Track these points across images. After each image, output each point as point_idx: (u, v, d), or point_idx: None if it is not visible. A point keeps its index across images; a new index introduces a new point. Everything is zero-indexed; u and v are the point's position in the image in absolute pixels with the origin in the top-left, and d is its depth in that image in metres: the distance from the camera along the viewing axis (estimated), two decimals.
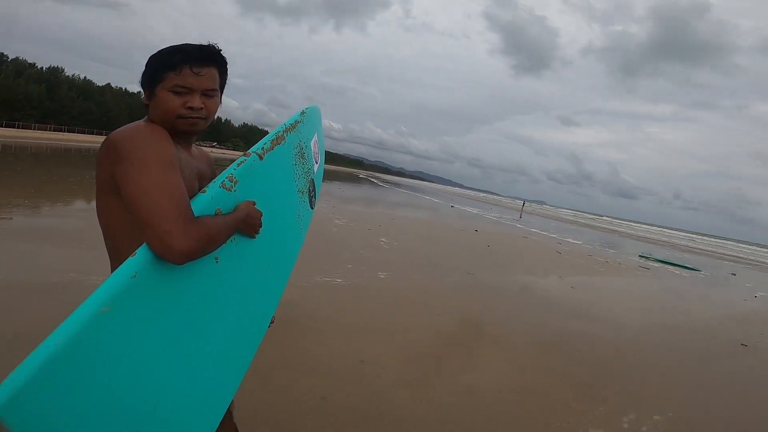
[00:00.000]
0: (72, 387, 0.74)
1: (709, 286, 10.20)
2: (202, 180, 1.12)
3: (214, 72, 1.07)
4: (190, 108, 1.03)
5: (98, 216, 1.03)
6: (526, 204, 56.06)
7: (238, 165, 1.13)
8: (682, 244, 31.03)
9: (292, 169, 1.45)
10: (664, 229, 74.94)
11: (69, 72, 70.09)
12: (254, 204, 1.12)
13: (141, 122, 1.01)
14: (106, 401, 0.80)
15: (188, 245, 0.85)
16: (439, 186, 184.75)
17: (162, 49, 1.04)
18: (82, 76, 71.89)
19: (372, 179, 61.83)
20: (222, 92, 1.13)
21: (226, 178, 1.08)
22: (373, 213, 13.44)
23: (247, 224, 1.09)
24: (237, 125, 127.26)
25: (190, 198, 0.97)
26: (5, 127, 51.68)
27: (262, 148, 1.23)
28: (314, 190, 1.70)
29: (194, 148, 1.19)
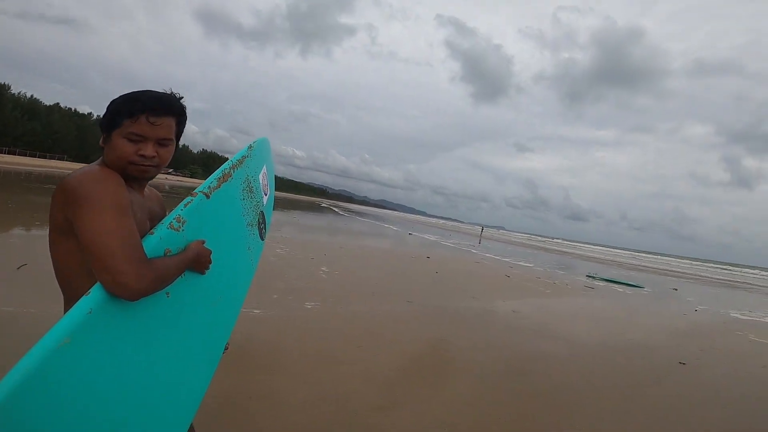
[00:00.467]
0: (35, 411, 0.83)
1: (652, 301, 10.32)
2: (154, 220, 1.17)
3: (171, 121, 1.10)
4: (143, 156, 1.05)
5: (51, 253, 1.05)
6: (485, 229, 57.31)
7: (185, 206, 1.18)
8: (628, 262, 31.98)
9: (240, 203, 1.48)
10: (612, 249, 77.72)
11: (15, 89, 66.29)
12: (203, 243, 1.17)
13: (95, 166, 1.04)
14: (66, 427, 0.88)
15: (140, 285, 0.92)
16: (402, 214, 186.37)
17: (123, 95, 1.07)
18: (28, 95, 68.12)
19: (334, 208, 61.29)
20: (178, 140, 1.17)
21: (174, 219, 1.12)
22: (322, 242, 12.93)
23: (197, 262, 1.15)
24: (196, 151, 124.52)
25: (142, 238, 1.02)
26: None
27: (209, 186, 1.27)
28: (264, 222, 1.73)
29: (147, 188, 1.22)
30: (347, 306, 5.39)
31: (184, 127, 1.18)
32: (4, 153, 54.02)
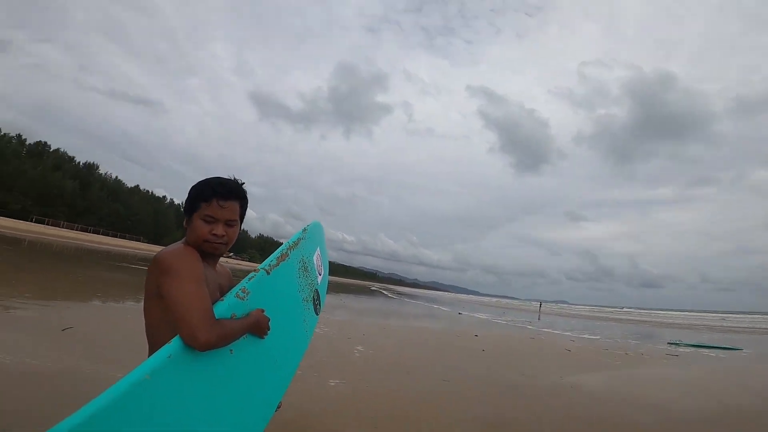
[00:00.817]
0: (124, 420, 1.05)
1: (754, 363, 8.38)
2: (222, 291, 1.41)
3: (236, 205, 1.39)
4: (215, 234, 1.34)
5: (144, 312, 1.33)
6: (545, 305, 53.12)
7: (249, 279, 1.44)
8: (718, 325, 28.08)
9: (296, 281, 1.71)
10: (696, 313, 68.32)
11: (103, 169, 73.78)
12: (263, 311, 1.42)
13: (180, 244, 1.35)
14: None
15: (208, 339, 1.18)
16: (454, 295, 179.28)
17: (200, 182, 1.38)
18: (114, 176, 76.41)
19: (384, 291, 59.95)
20: (242, 221, 1.44)
21: (240, 289, 1.38)
22: (364, 322, 11.92)
23: (257, 327, 1.39)
24: (254, 236, 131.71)
25: (213, 304, 1.28)
26: (35, 222, 53.78)
27: (269, 264, 1.52)
28: (319, 298, 1.89)
29: (218, 265, 1.48)
30: (373, 385, 4.61)
31: (246, 209, 1.42)
32: (90, 232, 59.88)
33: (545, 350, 9.00)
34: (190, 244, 1.34)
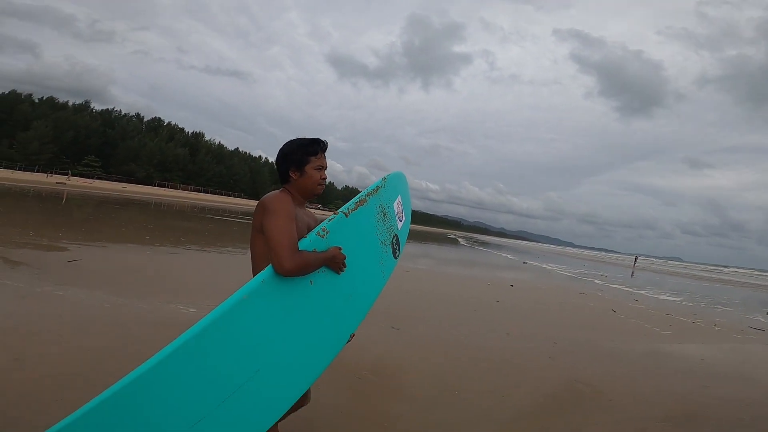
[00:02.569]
0: (224, 340, 1.32)
1: None
2: (310, 230, 1.63)
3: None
4: (323, 179, 1.70)
5: (250, 247, 1.61)
6: (649, 261, 48.02)
7: (329, 220, 1.64)
8: None
9: (375, 224, 1.83)
10: None
11: (208, 136, 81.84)
12: (340, 249, 1.62)
13: (277, 191, 1.61)
14: (235, 354, 1.35)
15: (291, 266, 1.43)
16: (541, 245, 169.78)
17: (300, 141, 1.67)
18: (216, 141, 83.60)
19: (459, 239, 59.09)
20: None
21: (321, 228, 1.60)
22: (410, 266, 11.52)
23: (333, 262, 1.60)
24: (340, 188, 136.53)
25: (299, 239, 1.53)
26: (158, 186, 62.26)
27: (348, 208, 1.70)
28: (398, 243, 2.01)
29: (306, 209, 1.74)
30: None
31: None
32: (200, 192, 67.62)
33: (582, 309, 7.98)
34: (299, 191, 1.66)
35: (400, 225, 2.05)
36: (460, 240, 53.92)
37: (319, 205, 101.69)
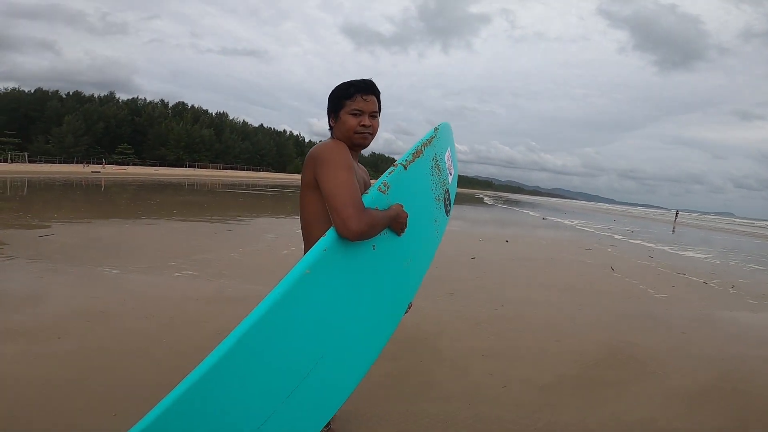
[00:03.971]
0: (287, 325, 1.10)
1: None
2: (365, 185, 1.45)
3: (375, 99, 1.41)
4: (363, 125, 1.38)
5: (300, 209, 1.39)
6: (699, 216, 44.27)
7: (389, 174, 1.39)
8: None
9: (430, 179, 1.63)
10: None
11: (232, 115, 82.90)
12: (402, 207, 1.39)
13: (330, 140, 1.39)
14: (301, 338, 1.14)
15: (359, 228, 1.16)
16: (577, 202, 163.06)
17: (339, 85, 1.42)
18: (240, 120, 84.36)
19: (485, 199, 57.24)
20: (379, 115, 1.45)
21: (382, 183, 1.34)
22: None
23: (397, 222, 1.36)
24: (366, 154, 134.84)
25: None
26: (189, 167, 64.02)
27: (406, 160, 1.45)
28: (449, 198, 1.83)
29: (358, 163, 1.48)
30: None
31: (381, 104, 1.45)
32: (229, 169, 69.07)
33: (573, 266, 7.00)
34: (341, 140, 1.39)
35: (450, 179, 1.87)
36: (486, 199, 52.14)
37: None
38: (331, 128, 1.45)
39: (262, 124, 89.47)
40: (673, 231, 21.97)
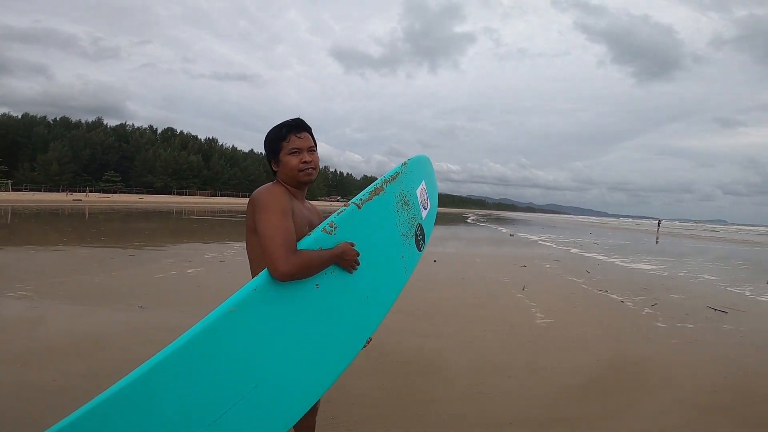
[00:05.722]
0: (206, 358, 1.11)
1: None
2: (312, 227, 1.40)
3: (308, 135, 1.42)
4: (305, 162, 1.39)
5: (246, 249, 1.39)
6: (692, 224, 43.75)
7: (338, 214, 1.39)
8: None
9: (394, 215, 1.60)
10: None
11: (222, 141, 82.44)
12: (352, 245, 1.37)
13: (269, 184, 1.38)
14: (223, 374, 1.13)
15: (287, 269, 1.18)
16: (569, 217, 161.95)
17: (271, 129, 1.43)
18: (230, 145, 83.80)
19: (471, 217, 56.52)
20: (316, 149, 1.46)
21: (327, 224, 1.35)
22: None
23: (343, 260, 1.35)
24: (358, 178, 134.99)
25: (300, 239, 1.30)
26: (177, 194, 63.24)
27: (361, 199, 1.46)
28: (422, 234, 1.77)
29: (307, 203, 1.49)
30: None
31: (315, 139, 1.46)
32: (218, 196, 68.32)
33: (485, 287, 6.09)
34: (285, 181, 1.40)
35: (424, 213, 1.81)
36: (470, 219, 51.33)
37: (338, 197, 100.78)
38: (274, 172, 1.45)
39: (252, 150, 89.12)
40: (657, 241, 21.39)
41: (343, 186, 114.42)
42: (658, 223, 42.81)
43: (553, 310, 4.85)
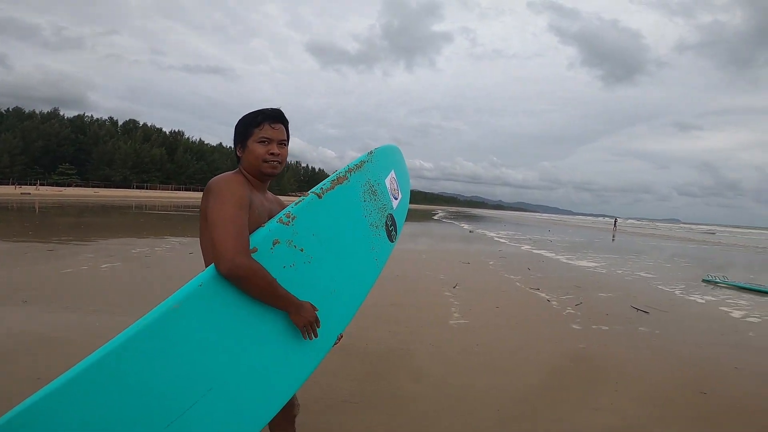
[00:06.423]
0: (148, 360, 1.01)
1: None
2: (269, 218, 1.29)
3: (283, 128, 1.36)
4: (272, 154, 1.31)
5: (200, 242, 1.33)
6: (649, 223, 45.99)
7: (296, 204, 1.30)
8: None
9: (360, 205, 1.52)
10: None
11: (190, 134, 79.71)
12: (316, 310, 1.27)
13: (229, 172, 1.30)
14: (167, 377, 1.03)
15: (232, 265, 1.07)
16: (536, 215, 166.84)
17: (246, 114, 1.35)
18: (197, 139, 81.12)
19: (439, 213, 56.84)
20: (288, 145, 1.39)
21: (284, 214, 1.26)
22: None
23: (298, 314, 1.22)
24: (330, 173, 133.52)
25: (256, 229, 1.22)
26: (137, 188, 60.40)
27: (322, 188, 1.38)
28: (394, 224, 1.71)
29: (269, 193, 1.41)
30: None
31: (289, 134, 1.39)
32: (182, 190, 65.76)
33: (414, 285, 5.85)
34: (247, 170, 1.33)
35: (395, 203, 1.74)
36: (437, 215, 51.61)
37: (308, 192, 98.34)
38: (238, 159, 1.36)
39: (221, 143, 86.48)
40: (613, 239, 22.30)
41: (315, 182, 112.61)
42: (615, 222, 44.55)
43: (473, 310, 4.66)
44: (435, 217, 42.52)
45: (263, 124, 1.31)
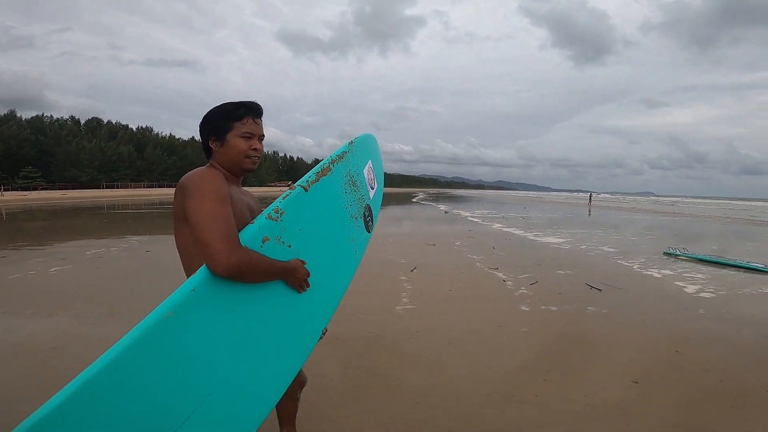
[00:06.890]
0: (145, 371, 0.96)
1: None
2: (252, 213, 1.29)
3: (262, 123, 1.32)
4: (254, 149, 1.28)
5: (175, 239, 1.24)
6: (625, 197, 46.80)
7: (284, 198, 1.26)
8: None
9: (342, 196, 1.51)
10: None
11: (157, 129, 76.85)
12: (304, 263, 1.26)
13: (202, 167, 1.23)
14: (167, 386, 1.00)
15: (230, 263, 1.03)
16: (513, 193, 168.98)
17: (224, 105, 1.28)
18: (167, 134, 78.34)
19: (419, 196, 56.82)
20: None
21: (272, 210, 1.22)
22: None
23: (294, 277, 1.23)
24: (309, 161, 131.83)
25: (242, 227, 1.17)
26: (107, 188, 58.22)
27: (307, 181, 1.35)
28: (371, 214, 1.72)
29: (242, 188, 1.36)
30: None
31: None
32: (154, 187, 63.81)
33: (370, 269, 5.79)
34: (223, 165, 1.28)
35: (372, 193, 1.75)
36: (417, 197, 51.69)
37: (290, 182, 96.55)
38: (209, 152, 1.30)
39: (192, 138, 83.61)
40: (589, 213, 22.68)
41: (293, 170, 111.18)
42: (590, 197, 45.40)
43: (425, 294, 4.61)
44: (414, 200, 42.54)
45: (246, 117, 1.27)
